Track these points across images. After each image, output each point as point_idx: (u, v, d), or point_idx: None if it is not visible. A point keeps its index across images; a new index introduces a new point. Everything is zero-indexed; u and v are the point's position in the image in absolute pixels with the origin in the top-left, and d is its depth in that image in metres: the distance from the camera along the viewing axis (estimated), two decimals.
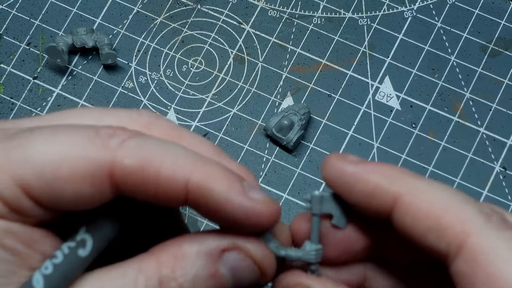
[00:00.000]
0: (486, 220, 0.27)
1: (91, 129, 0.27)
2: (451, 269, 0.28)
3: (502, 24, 0.54)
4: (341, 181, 0.30)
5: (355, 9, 0.55)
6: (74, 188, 0.26)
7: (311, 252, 0.31)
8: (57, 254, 0.27)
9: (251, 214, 0.28)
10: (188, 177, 0.27)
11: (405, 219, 0.28)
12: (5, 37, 0.54)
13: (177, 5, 0.55)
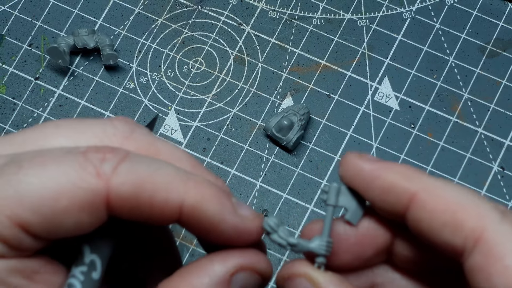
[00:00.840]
0: (502, 216, 0.28)
1: (79, 155, 0.27)
2: (467, 264, 0.28)
3: (500, 25, 0.54)
4: (358, 178, 0.30)
5: (354, 10, 0.55)
6: (73, 218, 0.26)
7: (322, 244, 0.31)
8: (74, 282, 0.27)
9: (242, 232, 0.29)
10: (182, 199, 0.27)
11: (422, 215, 0.29)
12: (7, 38, 0.55)
13: (177, 6, 0.55)
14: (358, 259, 0.32)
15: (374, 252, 0.32)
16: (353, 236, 0.32)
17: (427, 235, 0.29)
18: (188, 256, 0.50)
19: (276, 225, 0.30)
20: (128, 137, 0.30)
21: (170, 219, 0.28)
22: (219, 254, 0.29)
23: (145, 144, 0.30)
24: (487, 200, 0.29)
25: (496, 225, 0.27)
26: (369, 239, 0.32)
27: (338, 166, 0.31)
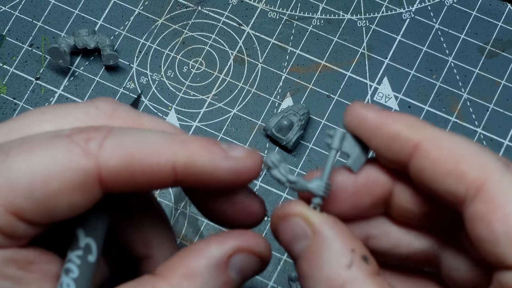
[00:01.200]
0: (505, 166, 0.28)
1: (64, 138, 0.27)
2: (467, 212, 0.28)
3: (499, 25, 0.54)
4: (364, 125, 0.31)
5: (354, 11, 0.55)
6: (67, 200, 0.27)
7: (320, 185, 0.31)
8: (71, 267, 0.27)
9: (240, 172, 0.29)
10: (173, 159, 0.28)
11: (425, 164, 0.29)
12: (8, 39, 0.55)
13: (178, 6, 0.56)
14: (355, 209, 0.32)
15: (372, 202, 0.32)
16: (352, 185, 0.32)
17: (429, 184, 0.29)
18: None
19: (278, 161, 0.30)
20: (111, 115, 0.31)
21: (166, 182, 0.28)
22: (216, 236, 0.30)
23: (129, 120, 0.31)
24: (491, 150, 0.29)
25: (498, 175, 0.28)
26: (367, 189, 0.32)
27: (343, 115, 0.31)
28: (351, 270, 0.28)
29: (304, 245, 0.30)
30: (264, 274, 0.50)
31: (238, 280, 0.30)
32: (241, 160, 0.29)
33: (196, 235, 0.51)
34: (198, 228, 0.51)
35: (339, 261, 0.29)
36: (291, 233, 0.30)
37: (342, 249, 0.29)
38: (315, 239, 0.29)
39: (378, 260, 0.33)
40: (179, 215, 0.51)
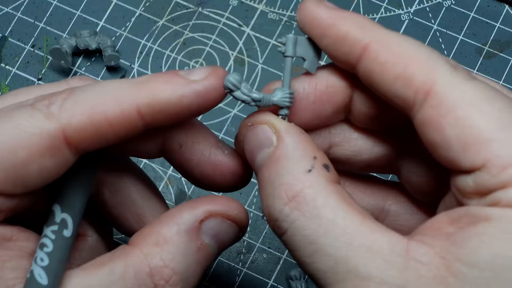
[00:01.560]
0: (452, 69, 0.27)
1: (27, 107, 0.28)
2: (417, 117, 0.28)
3: (497, 26, 0.55)
4: (315, 24, 0.30)
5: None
6: (37, 166, 0.27)
7: (284, 96, 0.31)
8: (46, 242, 0.28)
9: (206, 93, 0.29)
10: (135, 102, 0.28)
11: (374, 66, 0.28)
12: (10, 39, 0.55)
13: (178, 8, 0.56)
14: (317, 117, 0.32)
15: (333, 109, 0.32)
16: (312, 93, 0.31)
17: (378, 88, 0.29)
18: None
19: (238, 82, 0.30)
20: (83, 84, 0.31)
21: (136, 128, 0.28)
22: (189, 202, 0.30)
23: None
24: (440, 53, 0.28)
25: (446, 77, 0.27)
26: (328, 96, 0.32)
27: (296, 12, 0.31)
28: (311, 175, 0.28)
29: (268, 153, 0.29)
30: (264, 273, 0.50)
31: (213, 246, 0.30)
32: (205, 81, 0.29)
33: None
34: None
35: (300, 166, 0.28)
36: (257, 140, 0.30)
37: (304, 155, 0.29)
38: (279, 145, 0.29)
39: (341, 168, 0.34)
40: None
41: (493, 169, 0.25)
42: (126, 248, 0.29)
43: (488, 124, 0.26)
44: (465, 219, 0.26)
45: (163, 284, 0.28)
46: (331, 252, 0.26)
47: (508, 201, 0.25)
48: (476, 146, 0.26)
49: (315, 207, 0.27)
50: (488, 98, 0.26)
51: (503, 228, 0.25)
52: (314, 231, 0.27)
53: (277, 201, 0.28)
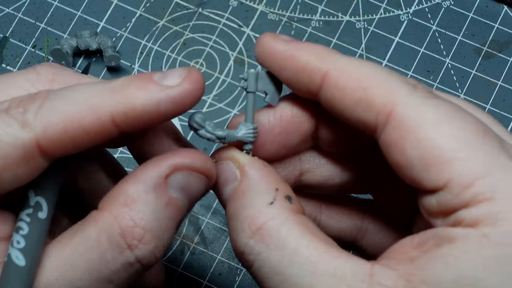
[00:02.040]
0: (411, 89, 0.27)
1: (1, 113, 0.27)
2: (381, 140, 0.28)
3: (495, 27, 0.55)
4: (273, 58, 0.30)
5: (353, 13, 0.56)
6: (10, 174, 0.27)
7: (248, 131, 0.31)
8: (21, 225, 0.28)
9: (181, 97, 0.28)
10: (109, 110, 0.28)
11: (334, 93, 0.29)
12: (11, 40, 0.56)
13: (179, 8, 0.56)
14: (284, 148, 0.32)
15: (300, 138, 0.32)
16: (278, 125, 0.32)
17: (341, 113, 0.29)
18: (189, 254, 0.51)
19: (203, 121, 0.30)
20: (52, 79, 0.31)
21: (111, 134, 0.28)
22: (153, 160, 0.29)
23: (70, 83, 0.31)
24: (399, 74, 0.28)
25: (406, 98, 0.27)
26: (293, 126, 0.32)
27: (254, 47, 0.31)
28: (273, 207, 0.28)
29: (232, 188, 0.30)
30: None
31: (183, 200, 0.30)
32: (180, 88, 0.29)
33: (196, 234, 0.51)
34: (198, 226, 0.51)
35: (262, 199, 0.29)
36: (222, 176, 0.30)
37: (266, 188, 0.29)
38: (242, 180, 0.30)
39: (316, 192, 0.34)
40: None
41: (455, 188, 0.26)
42: (95, 213, 0.29)
43: (449, 144, 0.26)
44: (431, 241, 0.26)
45: (136, 243, 0.28)
46: (296, 281, 0.26)
47: (471, 220, 0.25)
48: (438, 166, 0.26)
49: (279, 238, 0.27)
50: (448, 118, 0.27)
51: (466, 248, 0.25)
52: (279, 262, 0.27)
53: (241, 234, 0.28)
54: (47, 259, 0.28)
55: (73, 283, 0.28)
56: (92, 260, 0.28)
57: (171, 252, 0.51)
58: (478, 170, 0.25)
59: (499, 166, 0.26)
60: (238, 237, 0.28)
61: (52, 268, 0.28)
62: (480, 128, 0.27)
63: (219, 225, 0.51)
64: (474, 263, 0.24)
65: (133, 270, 0.28)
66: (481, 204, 0.25)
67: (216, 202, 0.52)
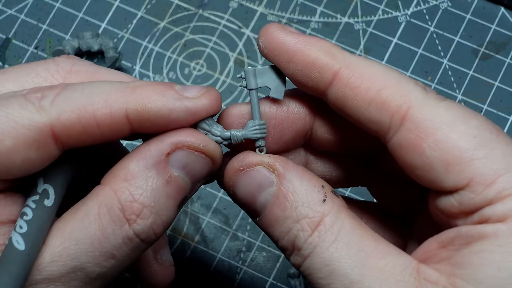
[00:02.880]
0: (425, 92, 0.28)
1: (20, 97, 0.28)
2: (394, 141, 0.28)
3: (493, 28, 0.55)
4: (281, 50, 0.30)
5: (351, 14, 0.56)
6: (21, 157, 0.27)
7: (255, 128, 0.31)
8: (26, 211, 0.28)
9: (196, 110, 0.29)
10: (124, 107, 0.28)
11: (346, 92, 0.29)
12: (14, 41, 0.56)
13: (179, 10, 0.56)
14: (276, 143, 0.32)
15: (293, 135, 0.32)
16: (273, 119, 0.32)
17: (351, 113, 0.29)
18: (190, 253, 0.51)
19: (208, 126, 0.30)
20: (70, 70, 0.31)
21: (122, 131, 0.28)
22: (156, 138, 0.29)
23: (88, 74, 0.31)
24: (408, 77, 0.29)
25: (420, 100, 0.28)
26: (289, 122, 0.32)
27: (258, 37, 0.30)
28: (326, 204, 0.29)
29: (271, 193, 0.29)
30: (264, 271, 0.51)
31: (184, 179, 0.30)
32: (196, 100, 0.29)
33: (197, 232, 0.52)
34: (199, 225, 0.52)
35: (313, 198, 0.29)
36: (255, 183, 0.30)
37: (312, 186, 0.29)
38: (282, 182, 0.29)
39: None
40: (181, 213, 0.52)
41: (478, 187, 0.26)
42: (97, 188, 0.29)
43: (467, 143, 0.26)
44: (458, 240, 0.26)
45: (134, 218, 0.28)
46: (346, 272, 0.27)
47: (498, 216, 0.26)
48: (458, 166, 0.26)
49: (332, 232, 0.28)
50: (463, 118, 0.27)
51: (500, 242, 0.25)
52: (331, 254, 0.27)
53: (301, 233, 0.28)
54: (52, 236, 0.28)
55: (77, 258, 0.28)
56: (94, 234, 0.28)
57: (172, 251, 0.51)
58: (499, 167, 0.26)
59: None
60: (298, 237, 0.29)
61: (56, 244, 0.28)
62: (492, 126, 0.27)
63: (219, 224, 0.52)
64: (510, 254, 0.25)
65: (134, 245, 0.29)
66: (506, 199, 0.26)
67: (217, 201, 0.52)
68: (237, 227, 0.51)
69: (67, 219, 0.29)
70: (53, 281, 0.28)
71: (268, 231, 0.30)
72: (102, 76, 0.31)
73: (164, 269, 0.36)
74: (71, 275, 0.28)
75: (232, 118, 0.32)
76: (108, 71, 0.32)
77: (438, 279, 0.26)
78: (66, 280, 0.28)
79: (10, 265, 0.27)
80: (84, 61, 0.32)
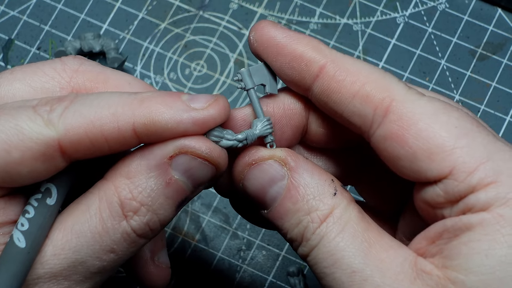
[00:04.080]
0: (407, 87, 0.29)
1: (29, 109, 0.28)
2: (377, 133, 0.29)
3: (490, 29, 0.55)
4: (271, 43, 0.30)
5: (350, 15, 0.56)
6: (28, 169, 0.27)
7: (265, 124, 0.31)
8: (28, 209, 0.28)
9: (203, 121, 0.29)
10: (131, 121, 0.28)
11: (331, 85, 0.29)
12: (16, 42, 0.56)
13: (180, 11, 0.56)
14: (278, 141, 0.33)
15: (292, 131, 0.33)
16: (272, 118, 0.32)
17: (335, 106, 0.30)
18: (190, 252, 0.51)
19: (220, 133, 0.30)
20: (77, 70, 0.31)
21: (130, 143, 0.29)
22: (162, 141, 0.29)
23: (94, 74, 0.31)
24: (391, 74, 0.30)
25: (403, 94, 0.28)
26: (287, 119, 0.32)
27: (250, 32, 0.31)
28: (336, 198, 0.29)
29: (282, 186, 0.30)
30: (263, 269, 0.51)
31: (186, 183, 0.30)
32: (204, 111, 0.29)
33: (198, 231, 0.52)
34: (199, 224, 0.52)
35: (324, 191, 0.29)
36: (267, 177, 0.30)
37: (323, 180, 0.30)
38: (293, 176, 0.30)
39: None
40: (182, 212, 0.52)
41: (460, 174, 0.26)
42: (100, 183, 0.30)
43: (449, 133, 0.27)
44: (446, 234, 0.27)
45: (132, 215, 0.29)
46: (349, 262, 0.28)
47: (482, 204, 0.26)
48: (441, 154, 0.27)
49: (340, 224, 0.29)
50: (444, 109, 0.28)
51: (486, 231, 0.26)
52: (336, 244, 0.28)
53: (311, 225, 0.29)
54: (55, 229, 0.29)
55: (78, 251, 0.28)
56: (94, 227, 0.28)
57: (172, 250, 0.51)
58: (480, 155, 0.26)
59: (498, 150, 0.27)
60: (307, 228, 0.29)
61: (59, 237, 0.28)
62: (472, 118, 0.28)
63: (219, 223, 0.52)
64: (498, 242, 0.25)
65: (131, 240, 0.29)
66: (488, 187, 0.26)
67: (217, 200, 0.52)
68: (237, 226, 0.52)
69: (70, 212, 0.29)
70: (55, 276, 0.28)
71: (277, 223, 0.30)
72: (108, 75, 0.32)
73: (160, 271, 0.36)
74: (72, 269, 0.28)
75: (237, 122, 0.32)
76: (113, 71, 0.32)
77: (432, 270, 0.27)
78: (68, 274, 0.28)
79: (10, 263, 0.27)
80: (91, 61, 0.32)
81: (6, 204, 0.29)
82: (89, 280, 0.29)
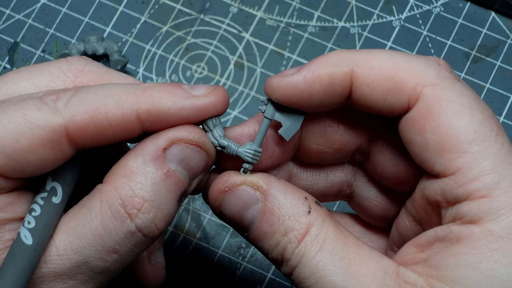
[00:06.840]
0: (437, 70, 0.29)
1: (36, 99, 0.29)
2: (404, 118, 0.29)
3: (483, 32, 0.56)
4: (296, 92, 0.30)
5: (347, 19, 0.57)
6: (36, 156, 0.28)
7: (250, 151, 0.31)
8: (34, 207, 0.29)
9: (204, 107, 0.30)
10: (135, 107, 0.29)
11: (363, 89, 0.29)
12: (22, 45, 0.57)
13: (181, 15, 0.57)
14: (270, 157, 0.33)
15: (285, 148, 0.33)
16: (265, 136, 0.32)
17: (373, 106, 0.30)
18: (191, 249, 0.52)
19: (213, 125, 0.31)
20: (82, 69, 0.32)
21: (134, 130, 0.29)
22: (153, 135, 0.30)
23: (99, 74, 0.32)
24: (418, 56, 0.29)
25: (434, 80, 0.28)
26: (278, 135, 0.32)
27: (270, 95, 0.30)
28: (311, 216, 0.29)
29: (257, 209, 0.30)
30: (263, 266, 0.51)
31: (183, 172, 0.30)
32: (205, 98, 0.30)
33: (199, 229, 0.52)
34: (200, 223, 0.52)
35: (298, 210, 0.30)
36: (241, 202, 0.30)
37: (296, 199, 0.30)
38: (267, 198, 0.30)
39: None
40: (183, 211, 0.52)
41: (461, 178, 0.27)
42: (100, 186, 0.30)
43: (466, 135, 0.27)
44: (436, 244, 0.27)
45: (136, 213, 0.29)
46: (332, 279, 0.28)
47: (472, 216, 0.27)
48: (451, 154, 0.27)
49: (318, 242, 0.29)
50: (470, 108, 0.28)
51: (474, 245, 0.26)
52: (317, 262, 0.29)
53: (289, 245, 0.29)
54: (58, 231, 0.29)
55: (80, 252, 0.29)
56: (95, 229, 0.29)
57: (174, 247, 0.52)
58: (486, 166, 0.27)
59: (507, 164, 0.27)
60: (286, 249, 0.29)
61: (62, 238, 0.29)
62: (495, 124, 0.28)
63: (220, 221, 0.52)
64: (485, 256, 0.26)
65: (136, 240, 0.29)
66: (483, 199, 0.26)
67: None
68: None
69: (72, 215, 0.30)
70: (59, 275, 0.29)
71: (257, 245, 0.31)
72: (112, 76, 0.32)
73: (156, 270, 0.36)
74: (76, 269, 0.29)
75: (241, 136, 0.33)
76: (117, 73, 0.33)
77: (416, 280, 0.27)
78: (72, 274, 0.29)
79: (17, 260, 0.28)
80: (96, 62, 0.33)
81: (15, 200, 0.29)
82: (93, 280, 0.29)
